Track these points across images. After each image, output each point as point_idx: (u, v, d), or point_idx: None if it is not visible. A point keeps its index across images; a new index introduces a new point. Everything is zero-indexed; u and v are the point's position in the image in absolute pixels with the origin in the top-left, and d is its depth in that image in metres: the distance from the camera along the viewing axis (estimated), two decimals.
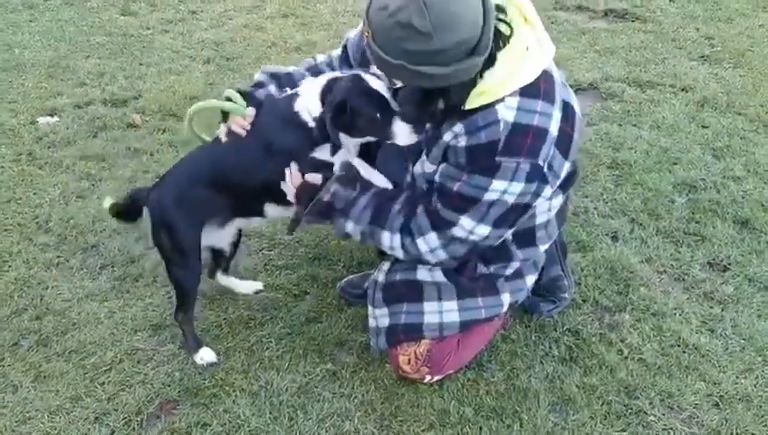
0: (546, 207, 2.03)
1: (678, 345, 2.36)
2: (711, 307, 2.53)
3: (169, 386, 2.21)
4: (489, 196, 1.86)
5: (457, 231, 1.92)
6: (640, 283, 2.63)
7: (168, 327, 2.42)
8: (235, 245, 2.44)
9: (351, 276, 2.58)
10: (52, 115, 3.78)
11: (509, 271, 2.12)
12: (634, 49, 4.69)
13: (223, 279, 2.50)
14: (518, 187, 1.85)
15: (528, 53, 1.80)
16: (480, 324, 2.16)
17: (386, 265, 2.19)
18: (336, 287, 2.57)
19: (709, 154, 3.47)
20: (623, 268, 2.69)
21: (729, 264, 2.73)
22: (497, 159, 1.81)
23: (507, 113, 1.80)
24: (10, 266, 2.70)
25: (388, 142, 2.02)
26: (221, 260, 2.44)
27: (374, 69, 1.91)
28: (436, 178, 1.95)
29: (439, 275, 2.09)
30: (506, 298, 2.13)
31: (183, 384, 2.21)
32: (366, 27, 1.73)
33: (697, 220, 2.97)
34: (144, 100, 3.95)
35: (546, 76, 1.85)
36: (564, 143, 1.90)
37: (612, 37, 4.85)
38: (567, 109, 1.91)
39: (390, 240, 2.00)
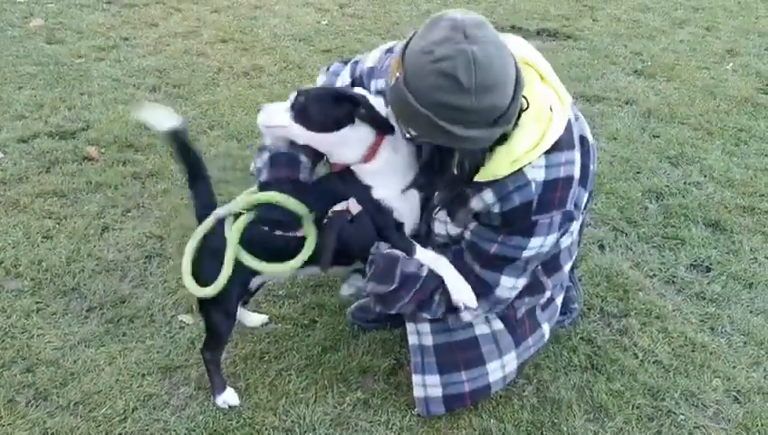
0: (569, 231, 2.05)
1: (687, 345, 2.45)
2: (705, 307, 2.64)
3: (194, 431, 2.07)
4: (527, 253, 1.86)
5: (501, 292, 1.92)
6: (637, 288, 2.72)
7: (178, 368, 2.28)
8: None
9: (360, 301, 2.52)
10: None
11: (543, 300, 2.12)
12: (573, 66, 4.90)
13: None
14: (553, 238, 1.88)
15: (552, 113, 1.78)
16: None
17: (424, 327, 2.08)
18: (347, 314, 2.51)
19: (666, 162, 3.66)
20: (617, 275, 2.78)
21: (711, 264, 2.87)
22: (533, 218, 1.80)
23: (537, 173, 1.77)
24: None
25: None
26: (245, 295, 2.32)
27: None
28: (467, 235, 1.91)
29: (497, 324, 2.07)
30: (546, 328, 2.15)
31: (210, 428, 2.07)
32: (399, 68, 1.63)
33: (672, 225, 3.12)
34: (95, 131, 3.73)
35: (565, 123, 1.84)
36: (584, 177, 1.93)
37: (551, 55, 4.99)
38: (583, 143, 1.92)
39: (434, 317, 2.00)
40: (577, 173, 1.85)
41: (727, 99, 4.43)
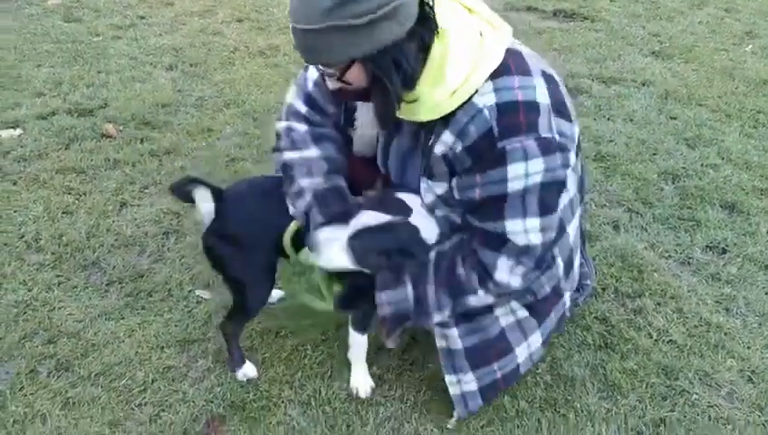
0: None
1: (701, 325, 2.45)
2: (721, 288, 2.64)
3: (212, 402, 2.11)
4: (513, 186, 1.74)
5: (516, 239, 1.79)
6: (651, 268, 2.72)
7: (196, 342, 2.31)
8: None
9: None
10: (14, 127, 3.54)
11: (560, 271, 2.03)
12: (590, 47, 4.86)
13: None
14: (538, 164, 1.74)
15: (483, 38, 1.74)
16: None
17: (452, 332, 1.98)
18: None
19: (683, 144, 3.64)
20: (632, 255, 2.78)
21: (727, 246, 2.86)
22: (499, 145, 1.71)
23: (486, 98, 1.71)
24: (6, 289, 2.50)
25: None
26: None
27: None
28: (456, 195, 1.86)
29: (522, 312, 2.01)
30: (567, 296, 2.11)
31: (227, 399, 2.11)
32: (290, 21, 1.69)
33: (689, 206, 3.11)
34: (113, 109, 3.76)
35: (511, 53, 1.76)
36: (562, 108, 1.83)
37: (568, 36, 5.01)
38: (548, 77, 1.83)
39: (478, 299, 1.88)
40: (543, 99, 1.76)
41: (746, 81, 4.39)
